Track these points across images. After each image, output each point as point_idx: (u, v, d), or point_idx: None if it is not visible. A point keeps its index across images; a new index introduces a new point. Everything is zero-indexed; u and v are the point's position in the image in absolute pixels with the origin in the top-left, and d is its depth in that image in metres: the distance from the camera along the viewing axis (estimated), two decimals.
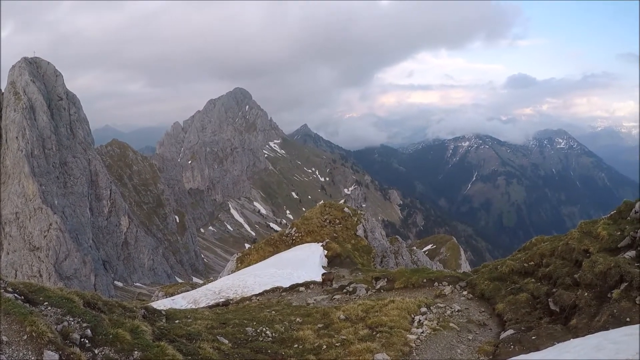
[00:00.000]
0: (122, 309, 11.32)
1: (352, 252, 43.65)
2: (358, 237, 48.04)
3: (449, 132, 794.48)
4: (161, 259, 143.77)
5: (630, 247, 13.65)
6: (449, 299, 18.61)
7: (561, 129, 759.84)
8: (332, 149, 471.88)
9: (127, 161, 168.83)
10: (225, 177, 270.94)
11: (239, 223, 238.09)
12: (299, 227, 48.79)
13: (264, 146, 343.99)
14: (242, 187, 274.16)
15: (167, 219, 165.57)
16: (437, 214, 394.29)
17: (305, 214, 52.76)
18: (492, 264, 21.42)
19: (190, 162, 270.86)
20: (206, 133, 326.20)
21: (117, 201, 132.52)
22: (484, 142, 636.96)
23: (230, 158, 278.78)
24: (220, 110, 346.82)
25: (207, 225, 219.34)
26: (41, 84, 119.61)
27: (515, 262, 18.58)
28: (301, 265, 37.22)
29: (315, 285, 25.52)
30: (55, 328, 8.15)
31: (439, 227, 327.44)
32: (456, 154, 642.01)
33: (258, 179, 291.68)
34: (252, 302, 23.14)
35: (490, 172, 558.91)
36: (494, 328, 15.00)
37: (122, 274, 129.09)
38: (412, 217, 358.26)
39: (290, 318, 16.22)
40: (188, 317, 15.46)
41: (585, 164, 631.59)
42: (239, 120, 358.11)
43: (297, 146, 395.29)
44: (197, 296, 30.13)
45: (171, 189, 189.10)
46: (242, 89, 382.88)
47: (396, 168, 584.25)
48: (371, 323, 14.98)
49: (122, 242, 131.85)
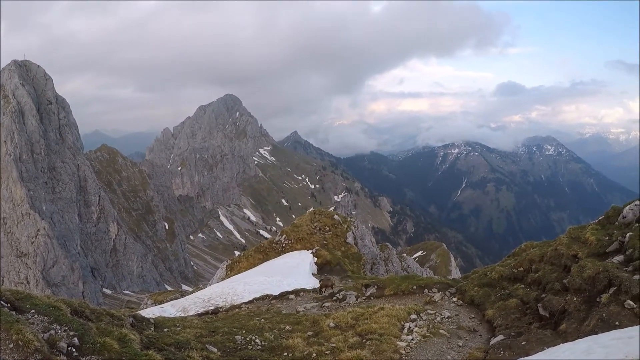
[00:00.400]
0: (110, 317, 11.20)
1: (342, 259, 43.56)
2: (348, 245, 47.97)
3: (439, 139, 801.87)
4: (150, 266, 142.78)
5: (619, 252, 13.76)
6: (439, 306, 18.61)
7: (550, 136, 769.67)
8: (322, 156, 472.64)
9: (116, 167, 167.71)
10: (215, 184, 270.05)
11: (229, 230, 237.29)
12: (288, 234, 48.64)
13: (254, 153, 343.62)
14: (231, 194, 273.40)
15: (156, 225, 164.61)
16: (427, 221, 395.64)
17: (295, 222, 52.62)
18: (482, 270, 21.46)
19: (180, 169, 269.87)
20: (196, 139, 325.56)
21: (106, 207, 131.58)
22: (473, 149, 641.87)
23: (220, 165, 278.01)
24: (210, 117, 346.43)
25: (197, 233, 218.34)
26: (30, 88, 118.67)
27: (505, 268, 18.65)
28: (291, 272, 37.07)
29: (305, 293, 25.40)
30: (42, 337, 8.05)
31: (429, 234, 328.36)
32: (446, 161, 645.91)
33: (248, 186, 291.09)
34: (242, 310, 23.00)
35: (480, 179, 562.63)
36: (484, 334, 15.02)
37: (110, 282, 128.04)
38: (402, 224, 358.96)
39: (279, 326, 16.13)
40: (177, 325, 15.34)
41: (573, 170, 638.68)
42: (229, 127, 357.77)
43: (287, 153, 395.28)
44: (187, 304, 29.90)
45: (160, 196, 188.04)
46: (232, 96, 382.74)
47: (386, 175, 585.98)
48: (361, 330, 14.92)
49: (111, 248, 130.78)
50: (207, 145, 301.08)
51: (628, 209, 15.55)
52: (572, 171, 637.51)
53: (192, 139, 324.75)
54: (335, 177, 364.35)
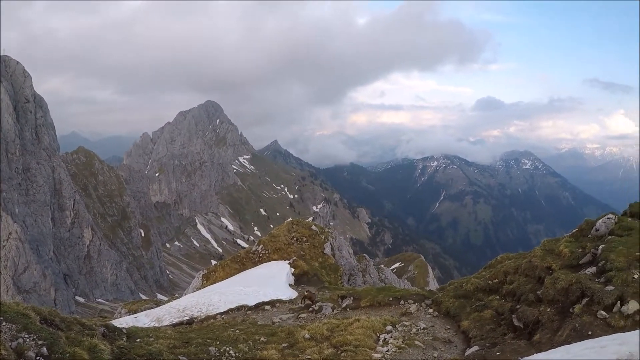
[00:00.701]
0: (81, 326, 11.00)
1: (319, 270, 43.48)
2: (325, 255, 47.92)
3: (418, 152, 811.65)
4: (125, 274, 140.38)
5: (591, 264, 14.09)
6: (415, 317, 18.64)
7: (527, 150, 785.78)
8: (301, 166, 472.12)
9: (92, 170, 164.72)
10: (193, 191, 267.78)
11: (206, 239, 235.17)
12: (266, 244, 48.42)
13: (233, 161, 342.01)
14: (209, 202, 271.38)
15: (131, 232, 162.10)
16: (406, 233, 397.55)
17: (273, 231, 52.40)
18: (458, 282, 21.60)
19: (158, 175, 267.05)
20: (175, 145, 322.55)
21: (81, 212, 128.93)
22: (452, 163, 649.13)
23: (199, 172, 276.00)
24: (190, 123, 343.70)
25: (173, 241, 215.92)
26: (8, 84, 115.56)
27: (480, 279, 18.80)
28: (267, 283, 36.86)
29: (281, 304, 25.33)
30: (9, 345, 7.87)
31: (407, 246, 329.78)
32: (425, 174, 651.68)
33: (226, 195, 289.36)
34: (217, 320, 22.77)
35: (458, 192, 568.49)
36: (459, 345, 15.08)
37: (83, 289, 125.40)
38: (381, 236, 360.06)
39: (254, 337, 16.02)
40: (150, 335, 15.10)
41: (550, 183, 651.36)
42: (209, 134, 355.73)
43: (266, 162, 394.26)
44: (161, 314, 29.49)
45: (137, 202, 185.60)
46: (213, 102, 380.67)
47: (365, 187, 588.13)
48: (336, 342, 14.87)
49: (85, 255, 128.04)
50: (186, 151, 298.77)
51: (601, 222, 15.92)
52: (548, 185, 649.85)
53: (171, 145, 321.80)
54: (314, 188, 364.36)
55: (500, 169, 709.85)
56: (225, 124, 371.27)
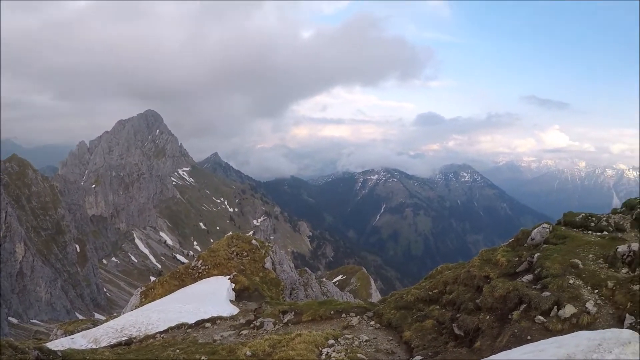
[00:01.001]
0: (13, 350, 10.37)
1: (260, 285, 42.95)
2: (266, 270, 47.37)
3: (359, 165, 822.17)
4: (60, 292, 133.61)
5: (528, 272, 14.54)
6: (357, 330, 18.57)
7: (466, 164, 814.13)
8: (242, 179, 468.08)
9: (26, 181, 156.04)
10: (131, 204, 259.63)
11: (144, 254, 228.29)
12: (205, 259, 47.36)
13: (172, 173, 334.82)
14: (148, 215, 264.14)
15: (66, 247, 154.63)
16: (347, 245, 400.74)
17: (212, 246, 51.37)
18: (399, 293, 21.72)
19: (94, 187, 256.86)
20: (113, 156, 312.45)
21: (13, 225, 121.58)
22: (392, 176, 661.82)
23: (137, 184, 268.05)
24: (129, 132, 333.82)
25: (110, 256, 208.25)
26: None
27: (420, 290, 18.96)
28: (208, 299, 35.98)
29: (222, 321, 24.86)
30: None
31: (349, 258, 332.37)
32: (365, 187, 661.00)
33: (165, 208, 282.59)
34: (156, 340, 21.99)
35: (398, 204, 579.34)
36: (402, 355, 15.07)
37: (16, 309, 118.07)
38: (322, 249, 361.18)
39: (194, 356, 15.60)
40: (87, 358, 14.49)
41: (488, 195, 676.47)
42: (149, 145, 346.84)
43: (206, 175, 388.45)
44: (98, 334, 28.20)
45: (72, 215, 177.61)
46: (153, 112, 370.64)
47: (306, 200, 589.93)
48: (278, 358, 14.62)
49: (17, 272, 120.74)
50: (124, 162, 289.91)
51: (536, 232, 16.44)
52: (486, 196, 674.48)
53: (109, 155, 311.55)
54: (254, 201, 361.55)
55: (439, 181, 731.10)
56: (165, 134, 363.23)
